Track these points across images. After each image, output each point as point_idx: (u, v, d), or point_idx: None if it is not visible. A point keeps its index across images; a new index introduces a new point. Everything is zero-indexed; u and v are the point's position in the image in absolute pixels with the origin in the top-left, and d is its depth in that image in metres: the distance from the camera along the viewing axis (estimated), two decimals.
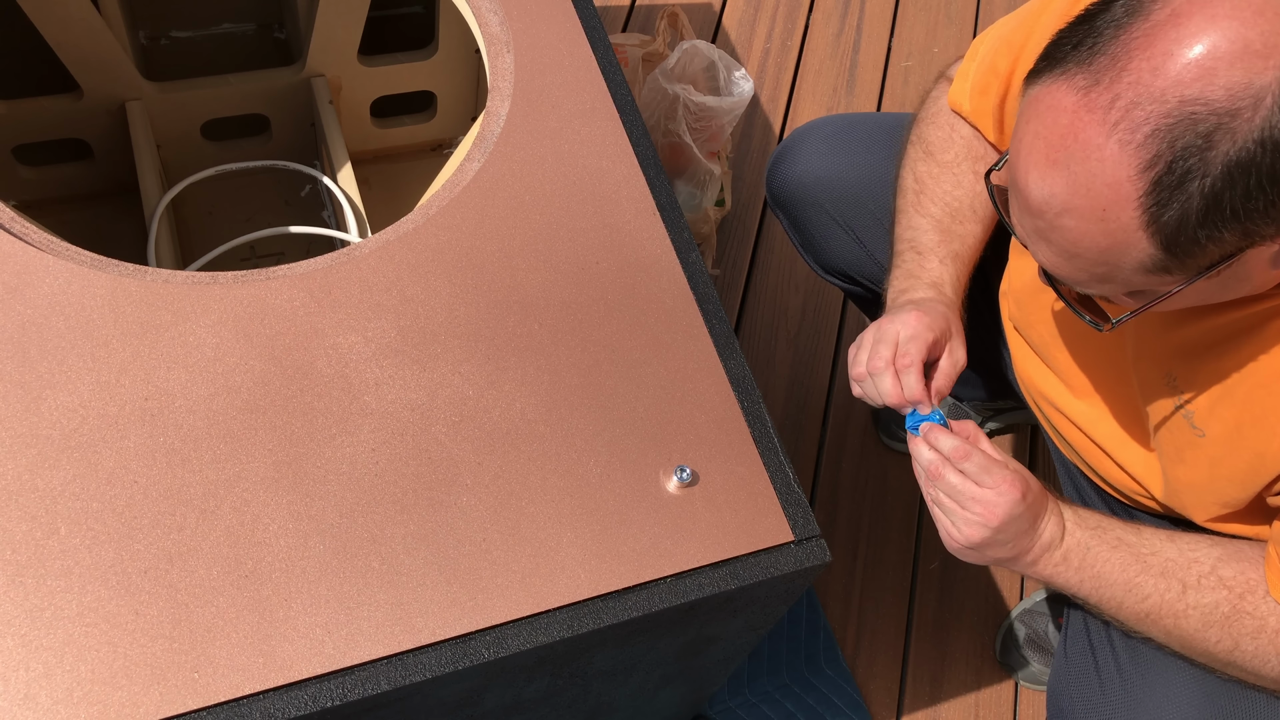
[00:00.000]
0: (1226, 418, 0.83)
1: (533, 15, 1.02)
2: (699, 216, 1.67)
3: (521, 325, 0.84)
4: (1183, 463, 0.90)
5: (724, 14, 2.11)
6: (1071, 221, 0.68)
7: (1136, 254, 0.67)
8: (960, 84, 1.04)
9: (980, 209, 1.05)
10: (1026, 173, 0.69)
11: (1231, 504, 0.87)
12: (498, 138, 0.93)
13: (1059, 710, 1.05)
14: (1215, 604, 0.85)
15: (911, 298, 1.00)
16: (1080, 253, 0.70)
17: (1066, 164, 0.66)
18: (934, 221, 1.05)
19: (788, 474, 0.83)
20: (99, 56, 1.22)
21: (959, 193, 1.05)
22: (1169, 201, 0.64)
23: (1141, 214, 0.65)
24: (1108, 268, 0.70)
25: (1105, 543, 0.88)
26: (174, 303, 0.79)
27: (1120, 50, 0.64)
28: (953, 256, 1.04)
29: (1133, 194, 0.64)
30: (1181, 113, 0.61)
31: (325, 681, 0.68)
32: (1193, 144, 0.62)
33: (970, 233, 1.04)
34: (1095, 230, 0.67)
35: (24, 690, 0.64)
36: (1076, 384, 1.02)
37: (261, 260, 1.40)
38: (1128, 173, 0.64)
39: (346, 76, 1.37)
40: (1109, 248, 0.68)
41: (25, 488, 0.70)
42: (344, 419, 0.77)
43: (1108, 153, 0.64)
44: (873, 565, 1.56)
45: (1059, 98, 0.66)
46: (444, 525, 0.75)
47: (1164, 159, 0.63)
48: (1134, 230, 0.66)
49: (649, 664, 0.89)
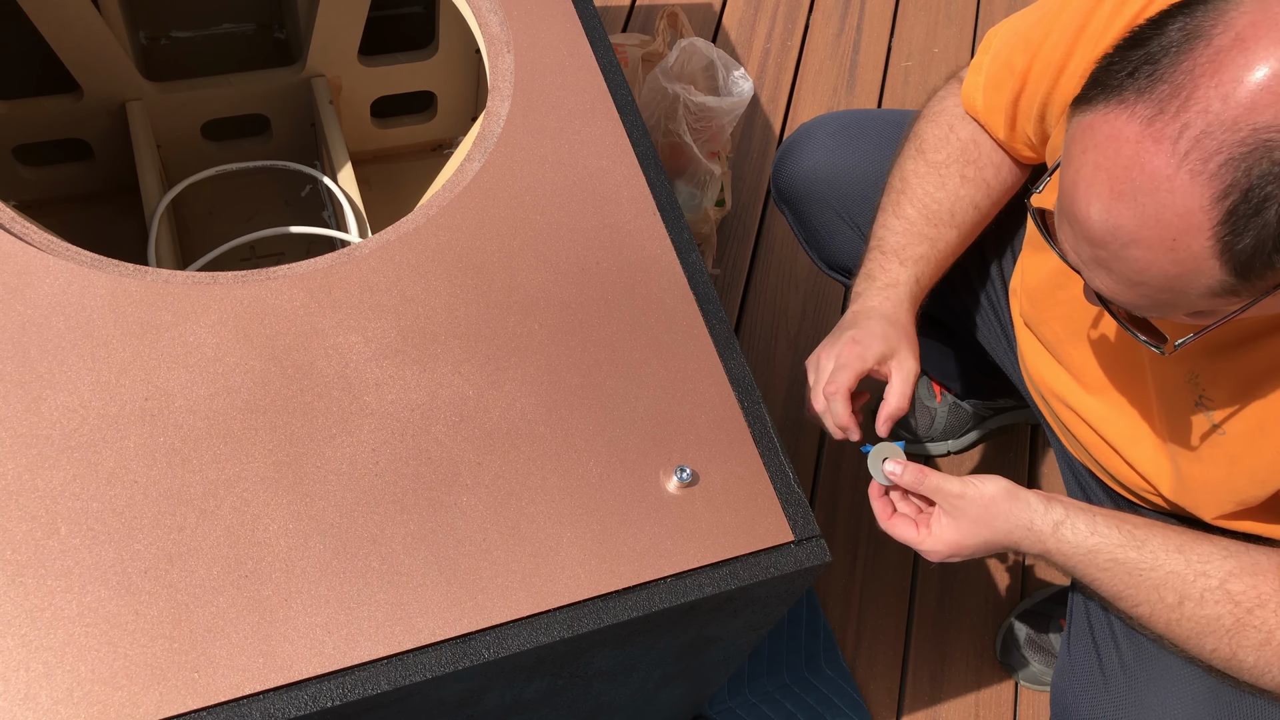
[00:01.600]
0: (1249, 415, 0.82)
1: (533, 15, 1.02)
2: (699, 216, 1.67)
3: (522, 325, 0.84)
4: (1200, 460, 0.89)
5: (724, 14, 2.11)
6: (1138, 252, 0.67)
7: (1206, 280, 0.66)
8: (974, 78, 1.03)
9: (960, 215, 1.04)
10: (1088, 204, 0.68)
11: (1247, 501, 0.87)
12: (498, 138, 0.93)
13: (1063, 708, 1.05)
14: (1218, 617, 0.84)
15: (859, 307, 1.02)
16: (1145, 280, 0.68)
17: (1134, 196, 0.65)
18: (906, 223, 1.05)
19: (788, 474, 0.83)
20: (99, 56, 1.22)
21: (940, 195, 1.04)
22: (1245, 230, 0.62)
23: (1215, 243, 0.63)
24: (1173, 294, 0.69)
25: (1096, 565, 0.88)
26: (174, 303, 0.79)
27: (1184, 78, 0.62)
28: (916, 259, 1.03)
29: (1206, 224, 0.63)
30: (1256, 140, 0.60)
31: (325, 681, 0.68)
32: (1270, 171, 0.60)
33: (942, 236, 1.04)
34: (1164, 260, 0.66)
35: (24, 690, 0.64)
36: (1089, 380, 1.01)
37: (262, 260, 1.40)
38: (1200, 203, 0.62)
39: (347, 76, 1.37)
40: (1177, 275, 0.66)
41: (25, 488, 0.70)
42: (344, 419, 0.77)
43: (1178, 183, 0.62)
44: (873, 565, 1.56)
45: (1119, 127, 0.65)
46: (444, 525, 0.75)
47: (1239, 187, 0.61)
48: (1205, 259, 0.64)
49: (649, 664, 0.89)
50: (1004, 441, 1.70)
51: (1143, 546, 0.87)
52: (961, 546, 0.91)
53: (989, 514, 0.89)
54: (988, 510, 0.89)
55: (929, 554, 0.93)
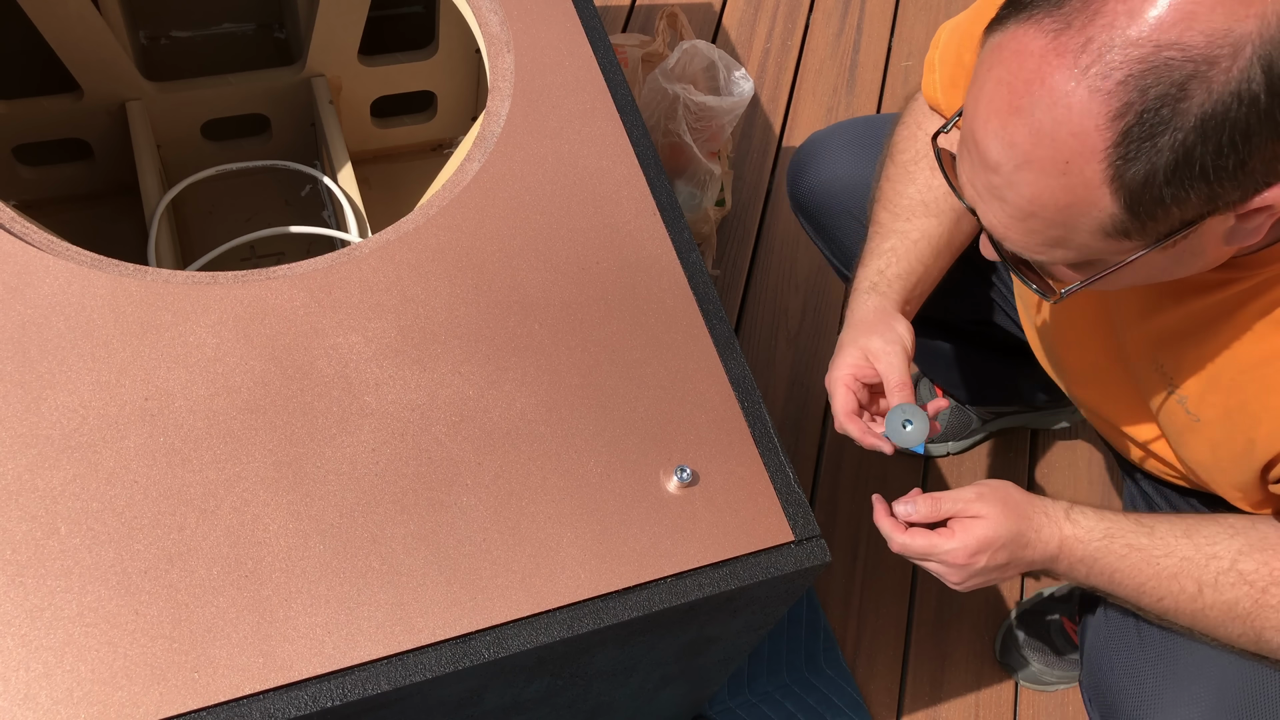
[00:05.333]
0: (1216, 403, 0.82)
1: (533, 15, 1.02)
2: (699, 216, 1.67)
3: (522, 325, 0.84)
4: (1186, 446, 0.89)
5: (724, 14, 2.11)
6: (1030, 175, 0.65)
7: (1096, 213, 0.64)
8: (930, 76, 1.03)
9: (935, 204, 1.02)
10: (986, 122, 0.66)
11: (1242, 486, 0.85)
12: (498, 138, 0.93)
13: (1096, 668, 1.03)
14: (1236, 600, 0.83)
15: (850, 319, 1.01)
16: (1036, 211, 0.66)
17: (1031, 111, 0.62)
18: (876, 226, 1.04)
19: (788, 474, 0.83)
20: (99, 56, 1.22)
21: (910, 190, 1.03)
22: (1136, 155, 0.60)
23: (1106, 168, 0.61)
24: (1064, 230, 0.67)
25: (1113, 552, 0.87)
26: (174, 303, 0.79)
27: None
28: (882, 253, 1.02)
29: (1099, 145, 0.61)
30: (1157, 59, 0.58)
31: (325, 681, 0.68)
32: (1166, 93, 0.58)
33: (915, 227, 1.02)
34: (1055, 185, 0.64)
35: (24, 690, 0.64)
36: (1080, 371, 1.01)
37: (261, 260, 1.40)
38: (1096, 121, 0.60)
39: (347, 76, 1.37)
40: (1068, 205, 0.65)
41: (25, 488, 0.70)
42: (344, 419, 0.77)
43: (1076, 100, 0.60)
44: (873, 565, 1.56)
45: (1026, 41, 0.62)
46: (444, 525, 0.75)
47: (1135, 108, 0.59)
48: (1097, 186, 0.62)
49: (649, 664, 0.89)
50: (1004, 443, 1.70)
51: (1153, 532, 0.86)
52: (992, 540, 0.87)
53: (1011, 500, 0.88)
54: (1009, 497, 0.88)
55: (952, 566, 0.88)
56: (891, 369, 0.94)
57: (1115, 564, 0.87)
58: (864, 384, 0.96)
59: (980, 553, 0.87)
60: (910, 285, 1.02)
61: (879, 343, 0.95)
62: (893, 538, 0.90)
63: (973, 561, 0.87)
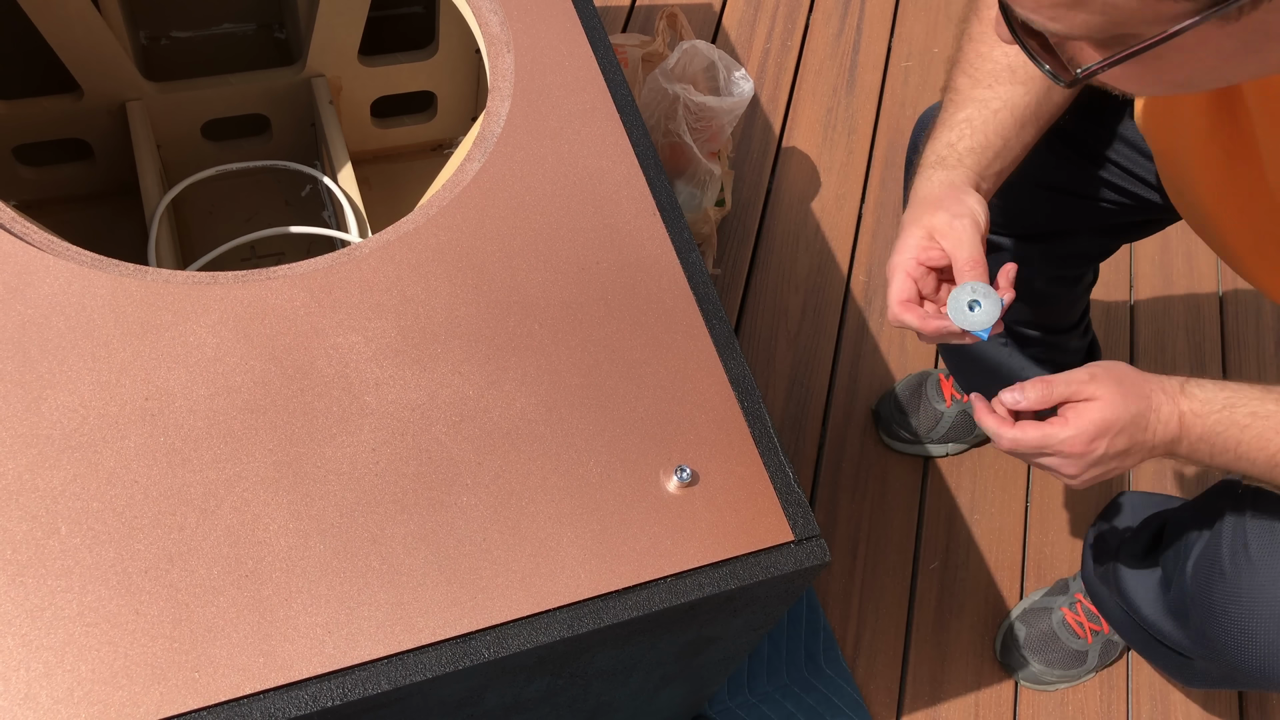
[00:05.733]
0: None
1: (533, 15, 1.02)
2: (699, 216, 1.67)
3: (522, 325, 0.84)
4: None
5: (724, 14, 2.11)
6: None
7: None
8: None
9: (1021, 68, 0.90)
10: None
11: None
12: (498, 138, 0.93)
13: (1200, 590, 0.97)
14: None
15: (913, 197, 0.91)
16: None
17: None
18: (954, 93, 0.94)
19: (788, 474, 0.83)
20: (99, 56, 1.22)
21: (996, 52, 0.92)
22: None
23: None
24: None
25: (1236, 423, 0.79)
26: (174, 303, 0.79)
27: None
28: (960, 123, 0.92)
29: None
30: None
31: (325, 681, 0.68)
32: None
33: (998, 95, 0.91)
34: None
35: (24, 690, 0.65)
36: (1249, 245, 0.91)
37: (262, 260, 1.40)
38: None
39: (347, 76, 1.37)
40: None
41: (25, 488, 0.70)
42: (344, 419, 0.77)
43: None
44: (873, 565, 1.56)
45: None
46: (444, 525, 0.75)
47: None
48: None
49: (649, 664, 0.89)
50: None
51: (1267, 395, 0.79)
52: (1111, 423, 0.79)
53: (1127, 379, 0.80)
54: (1125, 376, 0.81)
55: (1069, 457, 0.80)
56: (960, 245, 0.84)
57: (1239, 435, 0.79)
58: (929, 269, 0.87)
59: (1099, 438, 0.79)
60: (985, 161, 0.91)
61: (945, 217, 0.86)
62: (1001, 434, 0.82)
63: (1091, 449, 0.80)
